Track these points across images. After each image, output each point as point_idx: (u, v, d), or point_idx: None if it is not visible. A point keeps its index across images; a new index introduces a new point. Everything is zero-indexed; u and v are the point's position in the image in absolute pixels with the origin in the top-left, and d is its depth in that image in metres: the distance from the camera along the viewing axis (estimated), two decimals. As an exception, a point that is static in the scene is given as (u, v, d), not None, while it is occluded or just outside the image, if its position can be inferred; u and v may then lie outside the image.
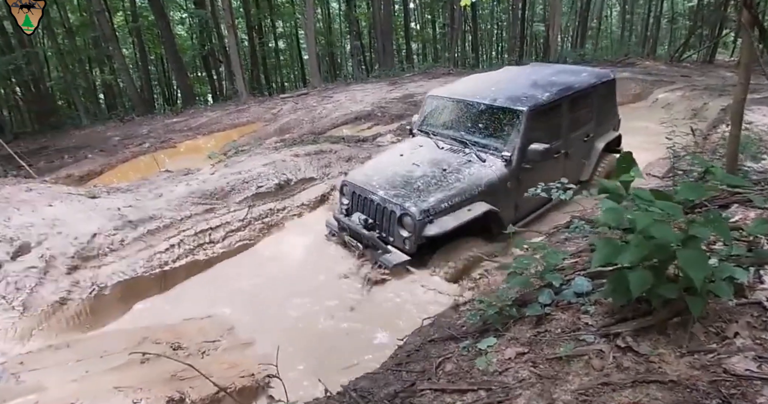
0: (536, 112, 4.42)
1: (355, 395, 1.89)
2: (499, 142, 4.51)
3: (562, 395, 1.80)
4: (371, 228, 4.37)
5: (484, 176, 4.29)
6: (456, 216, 4.01)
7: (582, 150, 5.27)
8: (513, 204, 4.56)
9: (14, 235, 4.67)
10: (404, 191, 4.21)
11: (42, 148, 11.92)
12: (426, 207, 3.98)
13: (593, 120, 5.32)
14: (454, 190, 4.14)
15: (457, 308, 2.81)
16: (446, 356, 2.12)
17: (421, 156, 4.71)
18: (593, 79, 5.26)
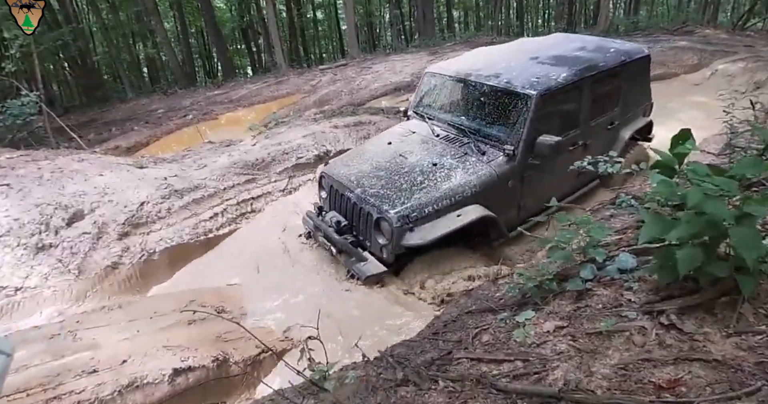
0: (549, 96, 3.79)
1: (392, 360, 1.96)
2: (503, 132, 3.89)
3: (600, 368, 1.80)
4: (344, 231, 3.85)
5: (481, 174, 3.70)
6: (442, 223, 3.43)
7: (604, 140, 4.57)
8: (516, 205, 4.02)
9: (68, 203, 4.98)
10: (384, 190, 3.65)
11: (90, 121, 12.48)
12: (406, 212, 3.42)
13: (619, 104, 4.63)
14: (441, 190, 3.57)
15: (495, 281, 2.83)
16: (483, 327, 2.15)
17: (411, 146, 4.15)
18: (622, 56, 4.52)
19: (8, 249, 4.40)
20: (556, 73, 3.96)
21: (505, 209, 3.85)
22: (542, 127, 3.74)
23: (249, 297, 3.93)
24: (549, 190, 3.98)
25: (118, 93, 17.48)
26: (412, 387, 1.81)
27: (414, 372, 1.86)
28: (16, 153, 7.65)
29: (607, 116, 4.53)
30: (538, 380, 1.78)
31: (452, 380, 1.80)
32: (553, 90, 3.81)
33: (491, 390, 1.74)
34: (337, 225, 3.81)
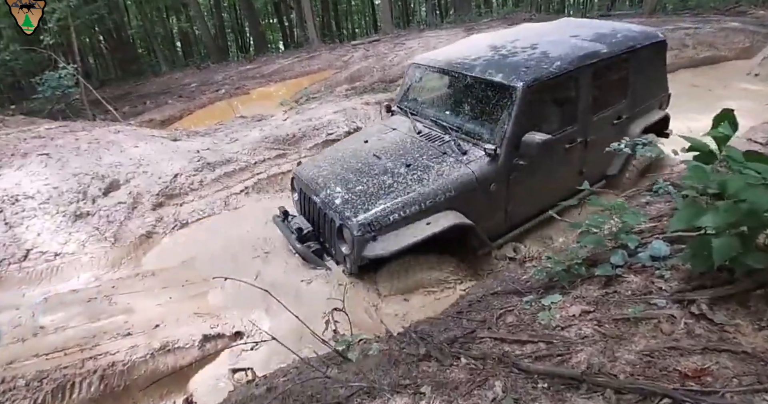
0: (537, 88, 3.39)
1: (415, 336, 2.02)
2: (486, 129, 3.52)
3: (625, 354, 1.81)
4: (308, 238, 3.62)
5: (458, 176, 3.32)
6: (409, 233, 3.10)
7: (610, 136, 3.98)
8: (502, 211, 3.66)
9: (105, 173, 5.18)
10: (350, 194, 3.36)
11: (126, 94, 12.82)
12: (368, 219, 3.12)
13: (628, 96, 4.17)
14: (411, 195, 3.22)
15: (522, 264, 2.83)
16: (508, 308, 2.18)
17: (388, 145, 3.82)
18: (630, 42, 4.05)
19: (48, 217, 4.64)
20: (547, 63, 3.55)
21: (488, 215, 3.52)
22: (531, 123, 3.36)
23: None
24: (542, 193, 3.84)
25: (152, 66, 17.84)
26: (434, 362, 1.86)
27: (436, 349, 1.91)
28: (55, 124, 7.97)
29: (612, 110, 4.08)
30: (561, 362, 1.80)
31: (474, 358, 1.84)
32: (542, 81, 3.41)
33: (513, 369, 1.77)
34: (298, 232, 3.56)
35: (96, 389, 2.82)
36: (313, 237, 3.64)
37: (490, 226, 3.55)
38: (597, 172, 4.27)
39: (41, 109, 10.94)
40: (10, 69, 13.64)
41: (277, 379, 1.93)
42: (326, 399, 1.70)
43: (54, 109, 10.76)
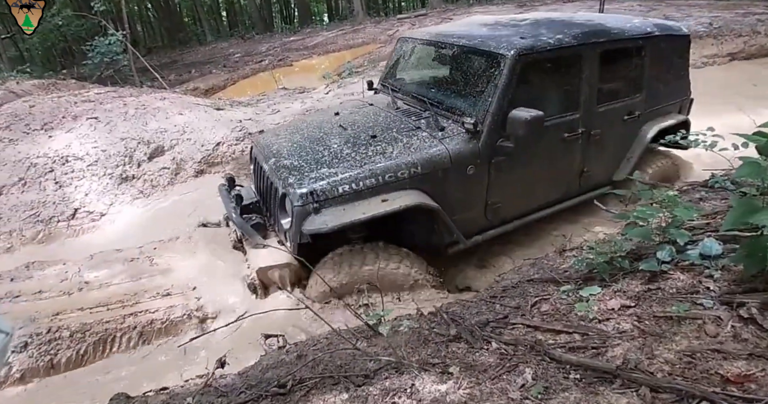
0: (531, 60, 3.01)
1: (446, 316, 2.03)
2: (470, 102, 3.13)
3: (664, 353, 1.77)
4: (248, 210, 3.25)
5: (428, 152, 2.92)
6: (359, 208, 2.70)
7: (618, 133, 3.73)
8: (480, 202, 3.20)
9: (150, 139, 5.37)
10: (301, 162, 3.01)
11: (172, 62, 13.14)
12: (312, 189, 2.72)
13: (643, 91, 3.73)
14: (369, 166, 2.84)
15: (562, 252, 2.78)
16: (544, 296, 2.16)
17: (359, 117, 3.53)
18: (649, 28, 3.64)
19: (95, 178, 4.87)
20: (548, 35, 3.17)
21: (462, 205, 3.10)
22: (521, 101, 2.94)
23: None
24: (532, 188, 3.44)
25: (198, 36, 18.15)
26: (463, 344, 1.87)
27: (467, 331, 1.92)
28: (104, 89, 8.28)
29: (623, 103, 3.65)
30: (596, 355, 1.78)
31: (506, 343, 1.84)
32: (537, 52, 3.02)
33: (545, 357, 1.76)
34: (237, 201, 3.15)
35: (135, 344, 2.98)
36: (257, 209, 3.28)
37: (465, 219, 3.12)
38: (601, 174, 3.84)
39: (91, 75, 11.39)
40: (63, 34, 14.20)
41: (308, 348, 1.99)
42: (354, 370, 1.75)
43: (103, 75, 11.18)
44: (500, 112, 2.94)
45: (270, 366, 1.88)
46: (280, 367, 1.86)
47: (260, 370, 1.87)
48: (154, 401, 1.77)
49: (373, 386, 1.67)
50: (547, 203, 3.62)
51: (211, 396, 1.72)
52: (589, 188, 3.85)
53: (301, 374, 1.76)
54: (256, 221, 3.18)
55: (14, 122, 5.76)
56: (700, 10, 10.83)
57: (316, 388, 1.69)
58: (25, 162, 4.97)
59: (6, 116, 6.01)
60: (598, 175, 3.80)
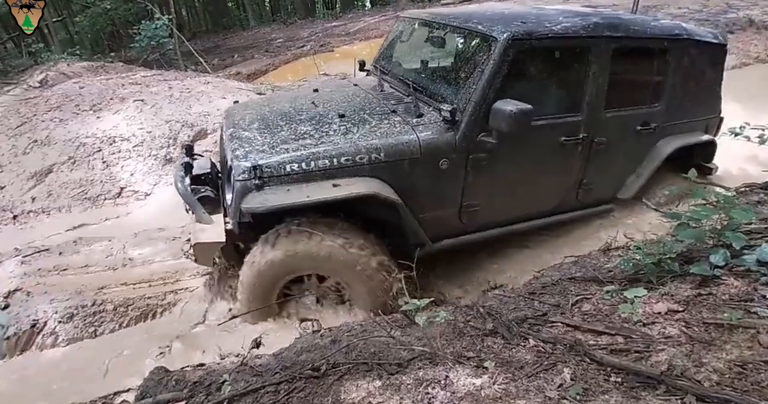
0: (528, 47, 2.72)
1: (483, 310, 2.02)
2: (453, 89, 2.86)
3: (713, 361, 1.70)
4: (200, 181, 2.95)
5: (396, 138, 2.66)
6: (306, 190, 2.46)
7: (629, 145, 3.35)
8: (454, 202, 2.92)
9: (194, 122, 5.52)
10: (257, 134, 2.82)
11: (215, 47, 13.43)
12: (258, 162, 2.51)
13: (662, 101, 3.33)
14: (325, 146, 2.61)
15: (606, 251, 2.71)
16: (586, 296, 2.11)
17: (337, 96, 3.32)
18: (676, 30, 3.26)
19: (141, 159, 5.05)
20: (553, 22, 2.85)
21: (432, 202, 2.83)
22: (510, 92, 2.66)
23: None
24: (517, 193, 3.11)
25: (241, 21, 18.45)
26: (500, 339, 1.86)
27: (504, 326, 1.90)
28: (150, 72, 8.55)
29: (637, 111, 3.29)
30: (639, 359, 1.73)
31: (544, 341, 1.81)
32: (536, 38, 2.71)
33: (584, 358, 1.73)
34: (185, 170, 2.88)
35: (174, 319, 3.11)
36: (213, 182, 3.01)
37: (435, 219, 2.85)
38: (604, 188, 3.48)
39: (137, 58, 11.78)
40: (111, 18, 14.73)
41: (342, 333, 2.02)
42: (388, 358, 1.76)
43: (149, 58, 11.54)
44: (484, 101, 2.65)
45: (304, 349, 1.92)
46: (314, 351, 1.90)
47: (295, 353, 1.91)
48: (191, 376, 1.85)
49: (406, 375, 1.68)
50: (537, 214, 3.29)
51: (246, 375, 1.78)
52: (589, 203, 3.49)
53: (335, 359, 1.79)
54: (205, 194, 2.87)
55: (65, 103, 6.04)
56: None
57: (349, 374, 1.71)
58: (74, 141, 5.21)
59: (57, 97, 6.30)
60: (600, 190, 3.44)
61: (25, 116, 5.81)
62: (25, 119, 5.73)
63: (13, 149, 5.20)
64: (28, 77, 8.67)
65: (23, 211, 4.50)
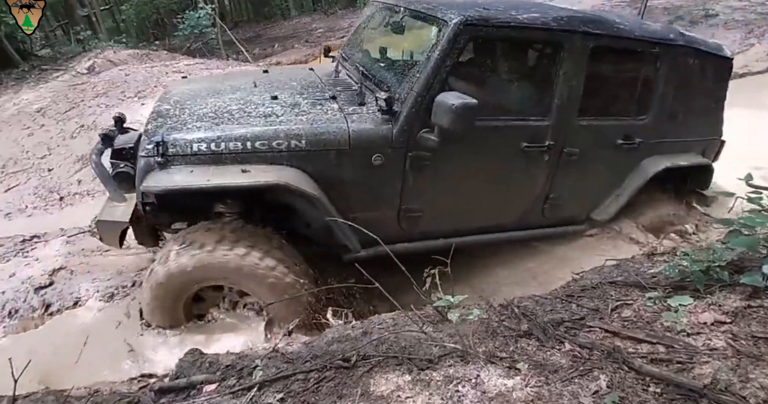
0: (481, 34, 2.44)
1: (517, 311, 1.99)
2: (398, 77, 2.60)
3: (760, 377, 1.64)
4: (120, 156, 2.65)
5: (321, 126, 2.42)
6: (211, 173, 2.26)
7: (607, 160, 3.04)
8: (391, 205, 2.67)
9: (234, 110, 5.62)
10: (178, 109, 2.64)
11: (256, 36, 13.66)
12: (164, 138, 2.31)
13: (651, 113, 3.00)
14: (241, 128, 2.40)
15: (651, 256, 2.63)
16: (626, 301, 2.06)
17: (285, 78, 3.12)
18: (671, 34, 2.92)
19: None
20: (521, 10, 2.54)
21: (365, 201, 2.60)
22: (461, 85, 2.45)
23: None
24: (467, 202, 2.83)
25: (282, 10, 18.65)
26: (534, 341, 1.84)
27: (539, 328, 1.88)
28: (193, 60, 8.78)
29: (618, 122, 2.97)
30: (681, 370, 1.68)
31: (580, 345, 1.78)
32: (494, 26, 2.40)
33: (622, 366, 1.69)
34: (104, 141, 2.62)
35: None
36: (134, 157, 2.65)
37: (369, 221, 2.50)
38: (575, 206, 3.17)
39: (181, 46, 12.12)
40: (156, 7, 15.18)
41: (373, 325, 2.04)
42: (419, 353, 1.77)
43: (192, 47, 11.86)
44: (427, 93, 2.37)
45: (335, 340, 1.95)
46: (344, 342, 1.92)
47: (325, 342, 1.94)
48: (224, 359, 1.90)
49: (436, 371, 1.68)
50: (495, 227, 3.00)
51: (277, 361, 1.82)
52: (558, 221, 3.17)
53: (366, 351, 1.80)
54: (123, 170, 2.60)
55: (111, 89, 6.28)
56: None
57: (379, 366, 1.73)
58: (119, 126, 5.40)
59: (104, 83, 6.56)
60: (571, 208, 3.14)
61: (73, 101, 6.07)
62: (73, 104, 5.99)
63: (61, 133, 5.45)
64: (76, 64, 9.05)
65: (69, 193, 4.71)
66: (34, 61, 10.00)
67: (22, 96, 7.15)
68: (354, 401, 1.58)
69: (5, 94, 7.71)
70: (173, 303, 2.52)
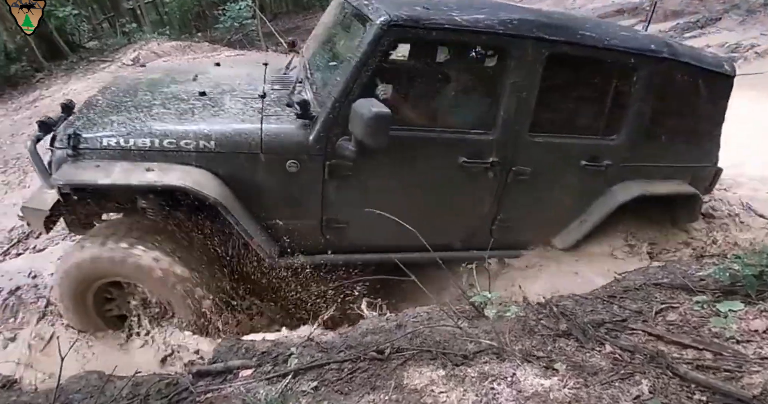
0: (410, 36, 2.29)
1: (556, 310, 1.96)
2: (326, 79, 2.47)
3: (817, 390, 1.56)
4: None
5: (233, 127, 2.32)
6: (117, 171, 2.19)
7: (570, 183, 2.76)
8: (312, 214, 2.53)
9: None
10: (106, 102, 2.57)
11: (295, 28, 13.78)
12: (77, 131, 2.26)
13: (623, 133, 2.68)
14: (152, 123, 2.33)
15: (700, 258, 2.53)
16: (672, 304, 1.99)
17: (231, 73, 3.01)
18: (653, 45, 2.60)
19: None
20: (469, 12, 2.30)
21: (282, 209, 2.47)
22: (393, 93, 2.34)
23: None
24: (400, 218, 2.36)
25: (321, 1, 18.73)
26: (573, 341, 1.80)
27: (579, 328, 1.84)
28: (234, 51, 8.94)
29: (582, 141, 2.67)
30: (728, 379, 1.61)
31: (622, 348, 1.73)
32: (424, 27, 2.19)
33: (666, 371, 1.64)
34: (42, 128, 2.48)
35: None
36: None
37: (290, 231, 2.47)
38: (530, 230, 2.89)
39: (222, 38, 12.35)
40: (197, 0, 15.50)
41: (407, 319, 2.04)
42: (453, 348, 1.76)
43: (232, 39, 12.07)
44: (345, 98, 2.21)
45: (369, 331, 1.96)
46: (379, 333, 1.93)
47: (360, 333, 1.96)
48: (260, 346, 1.94)
49: (471, 368, 1.67)
50: (438, 246, 2.59)
51: (312, 350, 1.84)
52: (511, 244, 2.87)
53: (400, 343, 1.81)
54: None
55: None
56: None
57: (413, 359, 1.73)
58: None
59: (149, 73, 6.72)
60: (525, 231, 2.88)
61: (119, 91, 6.26)
62: (118, 93, 6.18)
63: (107, 121, 5.63)
64: (122, 55, 9.34)
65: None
66: (82, 53, 10.38)
67: (71, 86, 7.44)
68: (387, 393, 1.59)
69: (55, 84, 8.04)
70: (81, 300, 2.48)
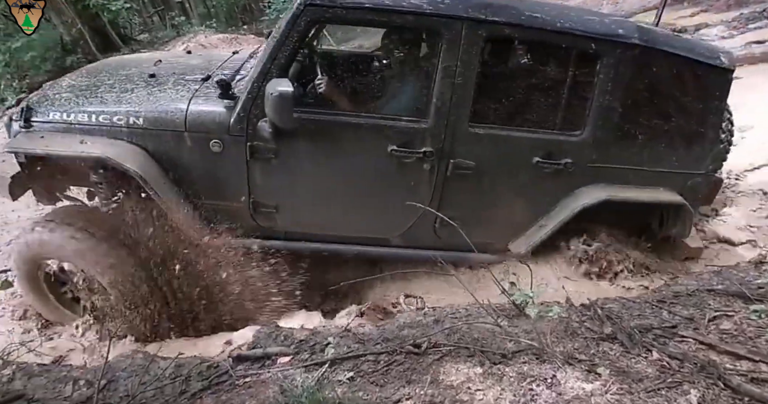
0: (326, 15, 2.20)
1: (601, 312, 1.90)
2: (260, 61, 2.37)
3: None
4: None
5: (161, 105, 2.40)
6: (57, 142, 2.34)
7: (522, 182, 2.52)
8: (241, 196, 2.51)
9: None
10: (69, 84, 2.71)
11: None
12: (32, 104, 2.48)
13: (588, 128, 2.40)
14: (92, 101, 2.47)
15: (759, 265, 2.40)
16: (726, 312, 1.90)
17: (198, 61, 3.01)
18: (620, 30, 2.29)
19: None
20: None
21: (209, 189, 2.49)
22: (301, 73, 2.36)
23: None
24: (331, 207, 2.57)
25: None
26: (617, 346, 1.75)
27: (625, 333, 1.78)
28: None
29: (534, 135, 2.43)
30: (786, 393, 1.53)
31: (670, 355, 1.67)
32: (343, 6, 2.13)
33: (717, 382, 1.57)
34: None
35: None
36: None
37: (220, 211, 2.50)
38: (481, 230, 2.55)
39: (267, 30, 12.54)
40: (243, -8, 15.79)
41: (445, 314, 2.03)
42: (492, 347, 1.74)
43: (276, 32, 12.26)
44: (264, 78, 2.22)
45: (407, 325, 1.96)
46: (416, 327, 1.93)
47: (397, 327, 1.96)
48: (298, 334, 1.97)
49: (510, 367, 1.65)
50: (375, 240, 2.64)
51: (349, 340, 1.86)
52: (457, 246, 2.50)
53: (437, 338, 1.80)
54: None
55: (202, 70, 6.62)
56: None
57: (450, 355, 1.72)
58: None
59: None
60: (477, 234, 2.44)
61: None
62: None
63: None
64: (171, 48, 9.64)
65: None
66: (133, 45, 10.78)
67: (123, 76, 7.73)
68: (423, 387, 1.59)
69: (109, 74, 8.38)
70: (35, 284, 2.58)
